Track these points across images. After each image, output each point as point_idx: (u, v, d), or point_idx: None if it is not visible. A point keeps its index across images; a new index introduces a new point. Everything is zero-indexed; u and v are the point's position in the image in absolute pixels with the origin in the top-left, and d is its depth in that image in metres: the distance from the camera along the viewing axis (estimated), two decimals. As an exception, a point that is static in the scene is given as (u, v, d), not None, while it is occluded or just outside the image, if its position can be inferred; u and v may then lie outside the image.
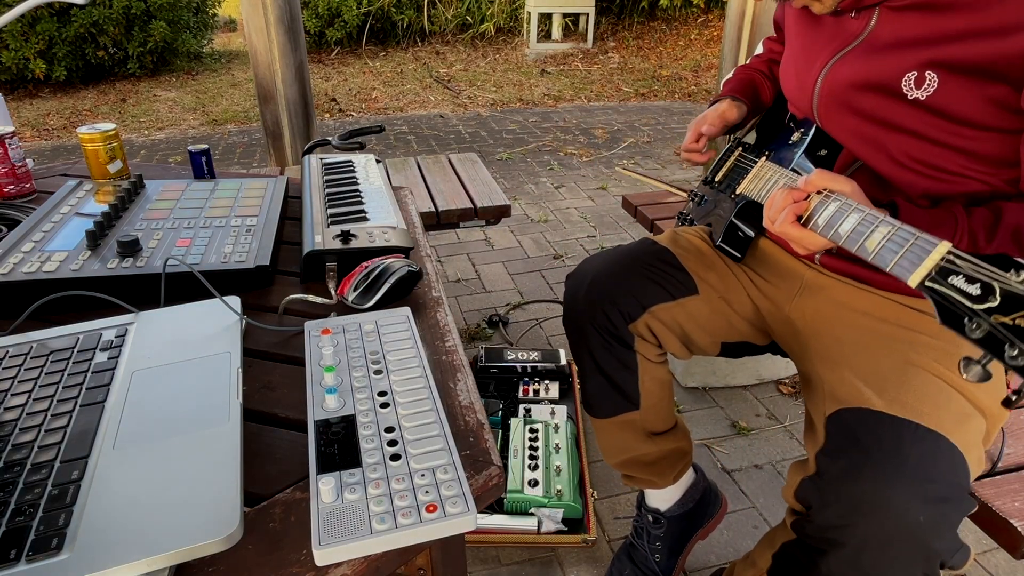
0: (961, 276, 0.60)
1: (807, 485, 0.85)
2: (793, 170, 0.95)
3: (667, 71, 6.47)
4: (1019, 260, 0.57)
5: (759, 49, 1.30)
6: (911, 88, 0.82)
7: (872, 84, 0.86)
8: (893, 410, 0.82)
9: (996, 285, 0.57)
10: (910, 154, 0.86)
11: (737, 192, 1.07)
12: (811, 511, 0.83)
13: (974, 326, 0.57)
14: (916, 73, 0.81)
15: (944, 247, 0.63)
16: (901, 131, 0.85)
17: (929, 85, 0.80)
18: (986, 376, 0.58)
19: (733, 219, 1.07)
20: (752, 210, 1.06)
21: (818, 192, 0.80)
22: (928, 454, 0.77)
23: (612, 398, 1.14)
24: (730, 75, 1.26)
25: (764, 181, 0.99)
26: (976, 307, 0.58)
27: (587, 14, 7.14)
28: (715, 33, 7.17)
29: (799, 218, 0.82)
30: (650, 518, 1.30)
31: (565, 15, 7.26)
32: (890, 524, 0.75)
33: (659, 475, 1.23)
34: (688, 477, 1.29)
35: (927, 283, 0.63)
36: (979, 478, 0.99)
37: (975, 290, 0.58)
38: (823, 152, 0.97)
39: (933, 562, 0.77)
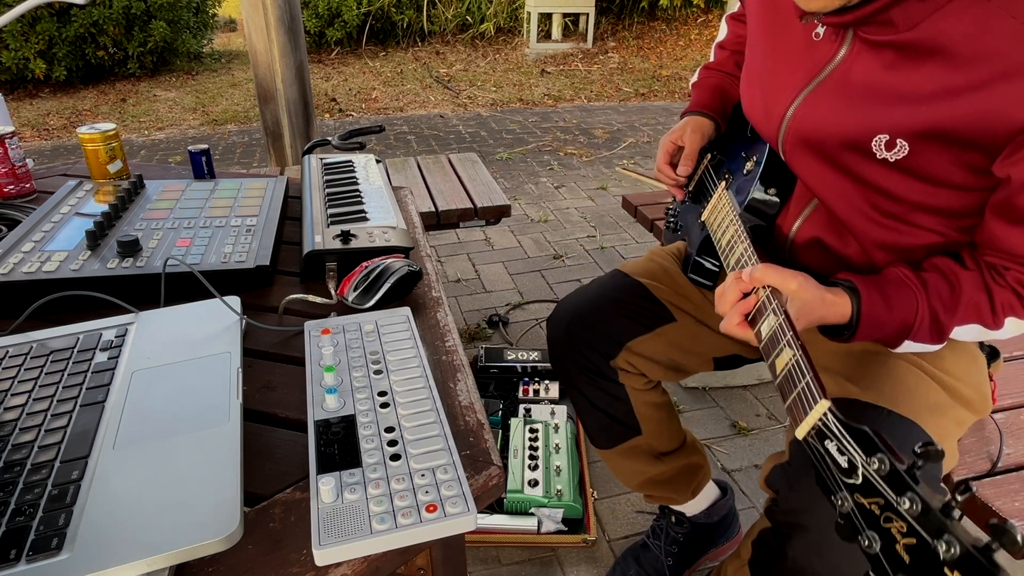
0: (834, 443, 0.56)
1: (777, 472, 0.86)
2: (748, 206, 0.94)
3: (667, 71, 6.47)
4: (881, 441, 0.53)
5: (722, 32, 1.20)
6: (881, 150, 0.77)
7: (843, 137, 0.81)
8: (867, 397, 0.83)
9: (860, 465, 0.53)
10: (876, 206, 0.83)
11: (701, 218, 1.06)
12: (779, 496, 0.85)
13: (839, 502, 0.54)
14: (887, 137, 0.76)
15: (823, 406, 0.59)
16: (869, 186, 0.82)
17: (900, 150, 0.76)
18: (856, 541, 0.54)
19: (697, 256, 1.07)
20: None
21: (764, 287, 0.75)
22: (897, 441, 0.77)
23: (612, 429, 1.15)
24: (695, 77, 1.19)
25: (720, 219, 0.98)
26: (843, 480, 0.54)
27: (587, 14, 7.13)
28: (715, 33, 7.15)
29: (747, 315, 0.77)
30: (673, 518, 1.32)
31: (565, 15, 7.26)
32: None
33: (677, 492, 1.24)
34: (712, 491, 1.31)
35: (808, 439, 0.60)
36: (979, 478, 0.99)
37: (844, 462, 0.55)
38: (772, 192, 0.95)
39: None
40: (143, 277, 0.86)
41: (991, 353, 0.96)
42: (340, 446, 0.60)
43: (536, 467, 1.50)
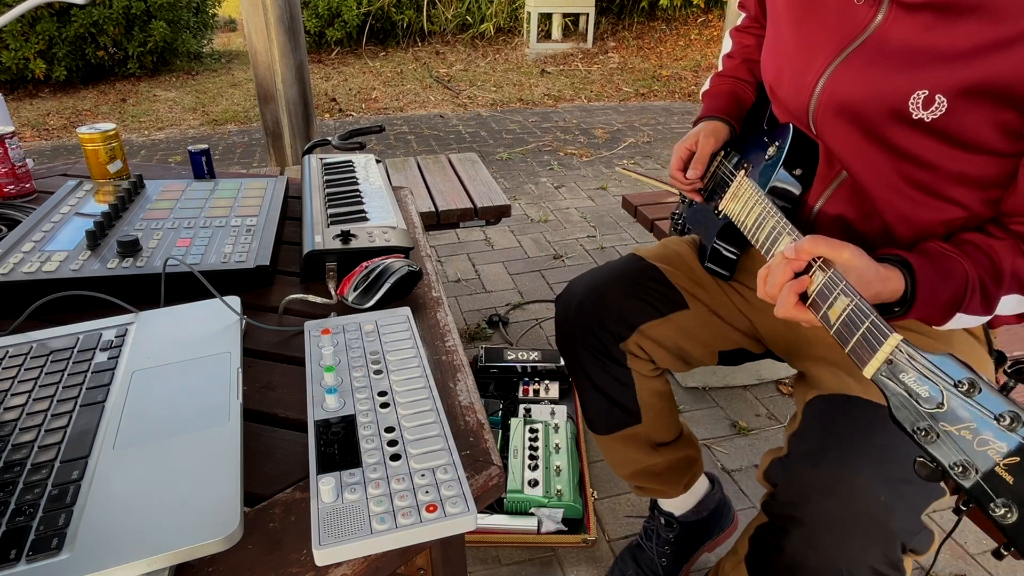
0: (912, 375, 0.55)
1: (776, 465, 0.86)
2: (771, 189, 0.94)
3: (667, 71, 6.47)
4: (963, 363, 0.52)
5: (727, 46, 1.21)
6: (918, 108, 0.77)
7: (878, 100, 0.81)
8: (867, 394, 0.83)
9: (945, 391, 0.52)
10: (907, 177, 0.83)
11: (719, 209, 1.05)
12: (776, 489, 0.84)
13: (922, 433, 0.53)
14: (926, 92, 0.76)
15: (895, 339, 0.58)
16: (901, 155, 0.82)
17: (938, 108, 0.76)
18: (939, 479, 0.54)
19: (716, 242, 1.06)
20: (734, 230, 1.05)
21: (815, 260, 0.73)
22: (895, 436, 0.76)
23: (612, 414, 1.15)
24: (707, 85, 1.19)
25: (743, 202, 0.97)
26: (925, 410, 0.53)
27: (587, 14, 7.13)
28: (715, 33, 7.17)
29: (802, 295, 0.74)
30: (663, 520, 1.31)
31: (565, 15, 7.26)
32: (849, 502, 0.75)
33: (669, 484, 1.24)
34: (703, 485, 1.30)
35: (880, 376, 0.59)
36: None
37: (925, 392, 0.54)
38: (798, 172, 0.94)
39: (892, 544, 0.76)
40: (143, 277, 0.86)
41: (999, 358, 0.96)
42: (340, 446, 0.60)
43: (536, 467, 1.50)
